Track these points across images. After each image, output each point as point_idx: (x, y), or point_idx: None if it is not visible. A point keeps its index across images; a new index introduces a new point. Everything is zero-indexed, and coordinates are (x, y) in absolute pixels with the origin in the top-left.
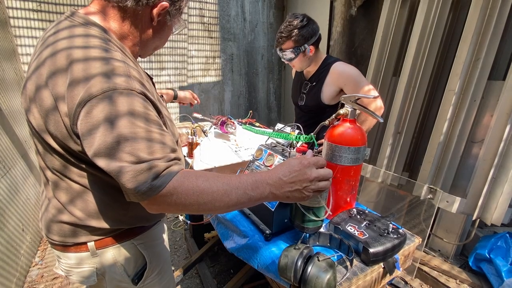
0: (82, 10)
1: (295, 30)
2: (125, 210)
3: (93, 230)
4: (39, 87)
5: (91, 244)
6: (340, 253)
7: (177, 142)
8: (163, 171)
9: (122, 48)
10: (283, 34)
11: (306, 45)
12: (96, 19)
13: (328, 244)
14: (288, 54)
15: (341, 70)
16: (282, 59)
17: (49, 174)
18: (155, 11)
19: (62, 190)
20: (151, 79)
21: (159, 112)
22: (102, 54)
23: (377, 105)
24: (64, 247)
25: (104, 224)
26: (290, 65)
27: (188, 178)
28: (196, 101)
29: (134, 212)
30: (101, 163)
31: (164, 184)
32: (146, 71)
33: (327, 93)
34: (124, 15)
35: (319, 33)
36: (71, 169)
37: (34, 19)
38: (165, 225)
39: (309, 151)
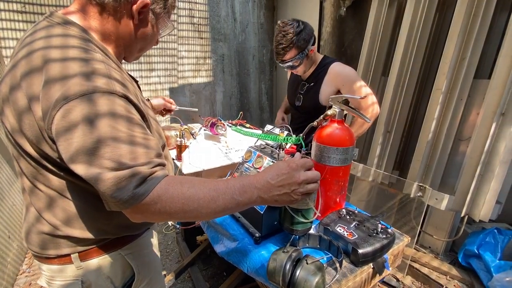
0: (62, 10)
1: (295, 37)
2: (108, 220)
3: (76, 241)
4: (13, 88)
5: (75, 256)
6: (330, 254)
7: (164, 146)
8: (146, 177)
9: (104, 49)
10: (283, 45)
11: (308, 48)
12: (75, 18)
13: (318, 246)
14: (292, 62)
15: (339, 71)
16: (287, 69)
17: (25, 180)
18: (134, 7)
19: (39, 198)
20: (136, 82)
21: (143, 115)
22: (81, 55)
23: (374, 109)
24: (47, 259)
25: (87, 235)
26: (294, 72)
27: (173, 185)
28: (172, 106)
29: (118, 221)
30: (79, 169)
31: (148, 191)
32: (135, 72)
33: (325, 93)
34: (104, 13)
35: (313, 33)
36: (47, 175)
37: (18, 21)
38: (153, 231)
39: (297, 153)
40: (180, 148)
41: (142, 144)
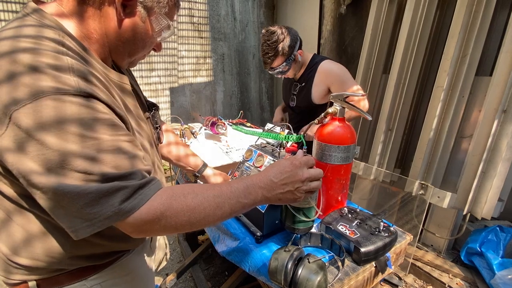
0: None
1: (280, 45)
2: (65, 252)
3: (29, 270)
4: None
5: (32, 284)
6: (332, 253)
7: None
8: (135, 190)
9: (78, 44)
10: (269, 54)
11: (294, 53)
12: (50, 9)
13: (320, 245)
14: (281, 69)
15: (328, 69)
16: (276, 76)
17: None
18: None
19: None
20: (154, 107)
21: (122, 119)
22: (34, 46)
23: (365, 105)
24: (7, 284)
25: (37, 263)
26: (284, 77)
27: (176, 199)
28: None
29: (77, 252)
30: (39, 187)
31: (135, 208)
32: (135, 72)
33: (317, 92)
34: (83, 4)
35: (299, 35)
36: None
37: None
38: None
39: (300, 151)
40: None
41: (126, 150)
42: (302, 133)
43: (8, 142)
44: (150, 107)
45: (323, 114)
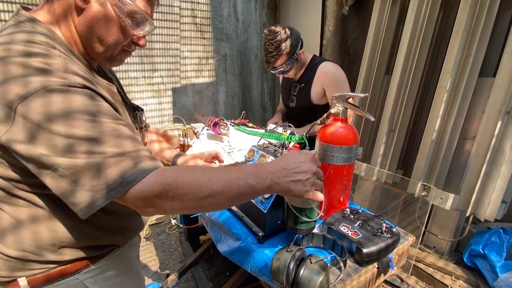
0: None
1: (283, 44)
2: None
3: (19, 263)
4: None
5: (23, 283)
6: (334, 254)
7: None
8: (138, 163)
9: (67, 47)
10: (273, 53)
11: (297, 52)
12: (39, 15)
13: (322, 245)
14: (284, 68)
15: (326, 70)
16: (278, 75)
17: None
18: None
19: None
20: (121, 91)
21: (116, 110)
22: (26, 49)
23: None
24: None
25: (26, 254)
26: (285, 76)
27: (183, 172)
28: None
29: (68, 242)
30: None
31: (139, 178)
32: (137, 72)
33: (315, 93)
34: (51, 4)
35: (300, 35)
36: None
37: None
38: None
39: (307, 150)
40: (183, 148)
41: (128, 134)
42: (305, 134)
43: (17, 134)
44: (135, 109)
45: (325, 114)
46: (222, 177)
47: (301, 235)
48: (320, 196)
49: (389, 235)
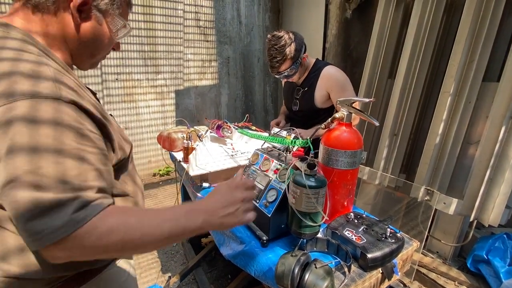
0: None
1: (288, 48)
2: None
3: (18, 281)
4: None
5: None
6: (338, 259)
7: (126, 159)
8: (91, 202)
9: (49, 53)
10: (277, 58)
11: (301, 56)
12: (16, 22)
13: (326, 250)
14: (288, 72)
15: (330, 74)
16: (282, 79)
17: None
18: (72, 5)
19: None
20: (94, 94)
21: (103, 126)
22: (19, 56)
23: None
24: None
25: (28, 273)
26: (289, 80)
27: (114, 214)
28: None
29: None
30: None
31: (87, 218)
32: (141, 75)
33: (319, 97)
34: (40, 14)
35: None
36: None
37: None
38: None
39: (239, 172)
40: (187, 150)
41: (93, 164)
42: (309, 138)
43: None
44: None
45: (330, 119)
46: (154, 219)
47: (305, 240)
48: (251, 216)
49: (393, 240)
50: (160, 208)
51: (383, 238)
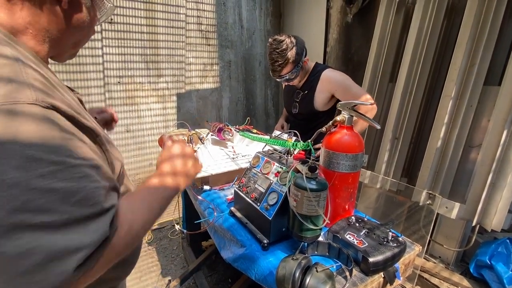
0: None
1: (289, 52)
2: None
3: None
4: None
5: None
6: (339, 262)
7: (120, 170)
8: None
9: (15, 44)
10: (279, 62)
11: (302, 60)
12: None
13: (327, 254)
14: (289, 76)
15: (330, 77)
16: (283, 83)
17: None
18: None
19: None
20: (73, 91)
21: (91, 131)
22: None
23: (374, 107)
24: None
25: None
26: (290, 84)
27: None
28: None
29: None
30: None
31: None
32: (142, 78)
33: (320, 99)
34: (17, 5)
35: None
36: None
37: None
38: None
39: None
40: None
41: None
42: (310, 141)
43: None
44: None
45: (330, 122)
46: (157, 198)
47: (306, 243)
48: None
49: (395, 244)
50: (145, 189)
51: (384, 242)
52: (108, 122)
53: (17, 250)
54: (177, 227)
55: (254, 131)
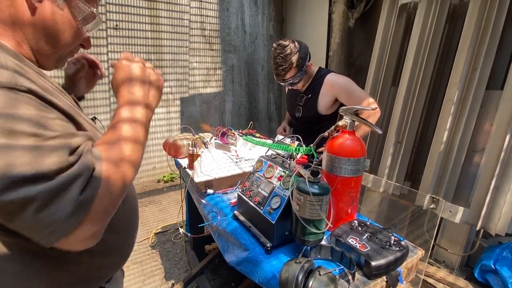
0: None
1: (294, 57)
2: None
3: None
4: None
5: None
6: (342, 266)
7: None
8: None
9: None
10: (283, 66)
11: (306, 64)
12: None
13: (330, 257)
14: (293, 80)
15: (333, 81)
16: (287, 87)
17: None
18: None
19: None
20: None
21: (69, 116)
22: None
23: (376, 112)
24: None
25: None
26: (294, 88)
27: (113, 170)
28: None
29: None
30: None
31: (96, 189)
32: None
33: (323, 103)
34: None
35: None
36: None
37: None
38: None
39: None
40: (192, 157)
41: (58, 131)
42: (313, 145)
43: None
44: None
45: (333, 127)
46: (131, 141)
47: (309, 247)
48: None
49: (397, 248)
50: (119, 122)
51: (387, 246)
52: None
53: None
54: (181, 230)
55: (257, 135)
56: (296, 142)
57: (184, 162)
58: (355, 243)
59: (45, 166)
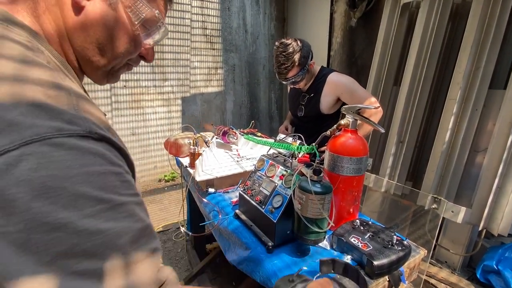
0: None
1: (296, 55)
2: None
3: None
4: None
5: None
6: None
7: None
8: None
9: (61, 62)
10: (286, 64)
11: (309, 63)
12: (21, 15)
13: (341, 273)
14: (295, 78)
15: (336, 80)
16: (289, 86)
17: None
18: None
19: None
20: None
21: (128, 158)
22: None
23: (379, 110)
24: None
25: None
26: (296, 87)
27: None
28: None
29: None
30: None
31: None
32: (148, 82)
33: (325, 103)
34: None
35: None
36: None
37: None
38: None
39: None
40: (193, 156)
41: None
42: (315, 144)
43: None
44: None
45: (335, 126)
46: None
47: (319, 261)
48: None
49: (400, 248)
50: None
51: (389, 246)
52: None
53: None
54: (182, 229)
55: (259, 134)
56: (298, 141)
57: (186, 161)
58: (357, 243)
59: None
